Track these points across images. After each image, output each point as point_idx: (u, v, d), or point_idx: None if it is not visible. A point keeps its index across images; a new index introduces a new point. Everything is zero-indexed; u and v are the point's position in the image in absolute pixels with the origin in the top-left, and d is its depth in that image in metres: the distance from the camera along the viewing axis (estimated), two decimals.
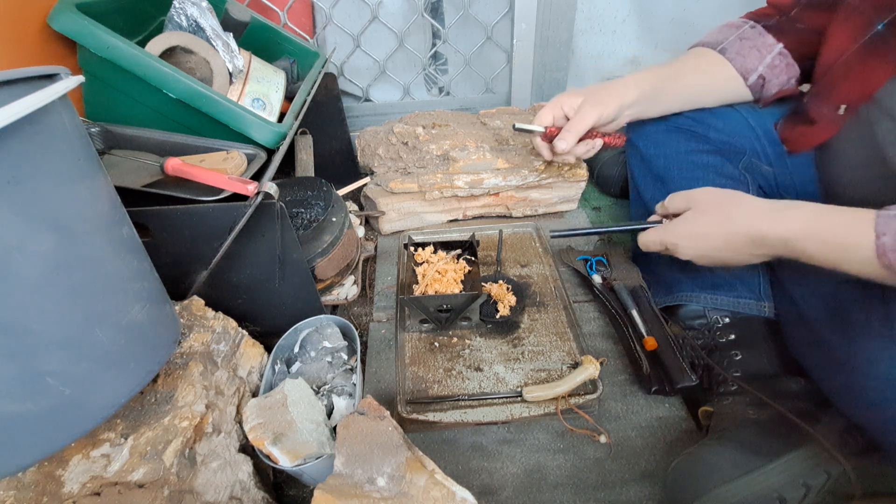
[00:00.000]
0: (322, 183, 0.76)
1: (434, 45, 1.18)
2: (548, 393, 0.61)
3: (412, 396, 0.64)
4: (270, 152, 0.67)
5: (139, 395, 0.50)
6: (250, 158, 0.66)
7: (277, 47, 0.94)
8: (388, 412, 0.48)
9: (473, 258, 0.79)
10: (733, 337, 0.64)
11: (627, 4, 1.14)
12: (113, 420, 0.47)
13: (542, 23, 1.10)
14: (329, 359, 0.64)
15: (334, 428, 0.56)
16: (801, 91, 0.69)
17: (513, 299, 0.75)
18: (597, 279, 0.79)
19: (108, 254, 0.40)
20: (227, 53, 0.71)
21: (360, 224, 0.92)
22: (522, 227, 0.94)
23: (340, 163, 1.10)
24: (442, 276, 0.75)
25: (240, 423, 0.55)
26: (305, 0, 1.08)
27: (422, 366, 0.69)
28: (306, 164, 0.91)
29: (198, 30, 0.70)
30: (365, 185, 0.98)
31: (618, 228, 0.75)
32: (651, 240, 0.62)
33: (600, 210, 1.05)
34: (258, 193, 0.54)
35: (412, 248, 0.82)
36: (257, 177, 0.61)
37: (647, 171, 0.76)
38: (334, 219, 0.73)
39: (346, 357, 0.65)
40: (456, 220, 0.98)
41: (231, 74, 0.71)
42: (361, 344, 0.68)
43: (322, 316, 0.68)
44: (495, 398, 0.63)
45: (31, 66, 0.34)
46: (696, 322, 0.67)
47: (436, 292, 0.73)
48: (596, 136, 0.72)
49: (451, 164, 0.89)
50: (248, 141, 0.67)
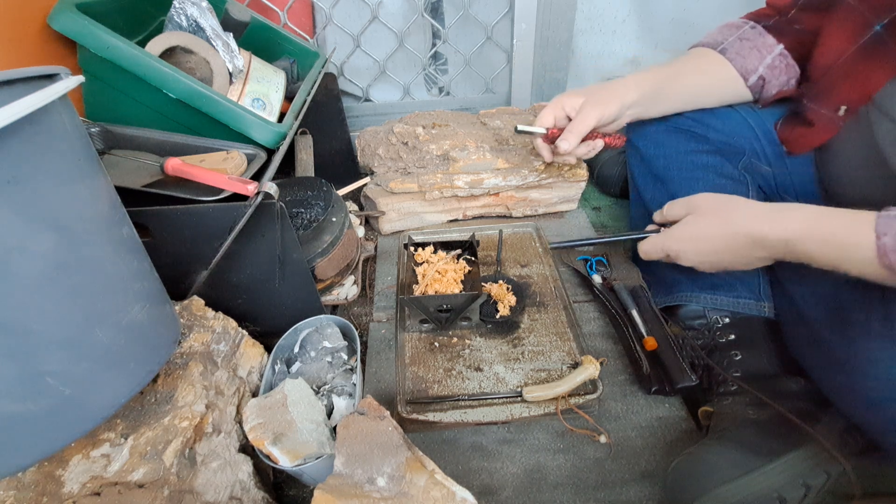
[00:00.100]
0: (322, 183, 0.76)
1: (434, 45, 1.18)
2: (548, 393, 0.61)
3: (412, 396, 0.64)
4: (270, 152, 0.67)
5: (139, 395, 0.50)
6: (250, 158, 0.66)
7: (277, 47, 0.94)
8: (388, 412, 0.48)
9: (473, 258, 0.79)
10: (733, 337, 0.64)
11: (627, 4, 1.14)
12: (113, 420, 0.47)
13: (542, 23, 1.10)
14: (329, 359, 0.64)
15: (334, 428, 0.56)
16: (800, 92, 0.69)
17: (513, 299, 0.75)
18: (597, 279, 0.79)
19: (108, 254, 0.40)
20: (227, 53, 0.71)
21: (360, 224, 0.92)
22: (522, 227, 0.94)
23: (340, 163, 1.10)
24: (442, 276, 0.75)
25: (240, 423, 0.55)
26: (305, 0, 1.08)
27: (422, 366, 0.69)
28: (306, 164, 0.91)
29: (198, 30, 0.70)
30: (365, 185, 0.98)
31: (616, 238, 0.74)
32: (651, 247, 0.62)
33: (600, 210, 1.05)
34: (258, 193, 0.54)
35: (412, 248, 0.82)
36: (257, 177, 0.61)
37: (647, 171, 0.76)
38: (334, 219, 0.73)
39: (346, 357, 0.65)
40: (456, 220, 0.98)
41: (231, 74, 0.71)
42: (361, 344, 0.68)
43: (322, 316, 0.68)
44: (495, 398, 0.63)
45: (31, 66, 0.34)
46: (696, 322, 0.67)
47: (436, 292, 0.73)
48: (597, 137, 0.72)
49: (451, 164, 0.89)
50: (248, 141, 0.67)
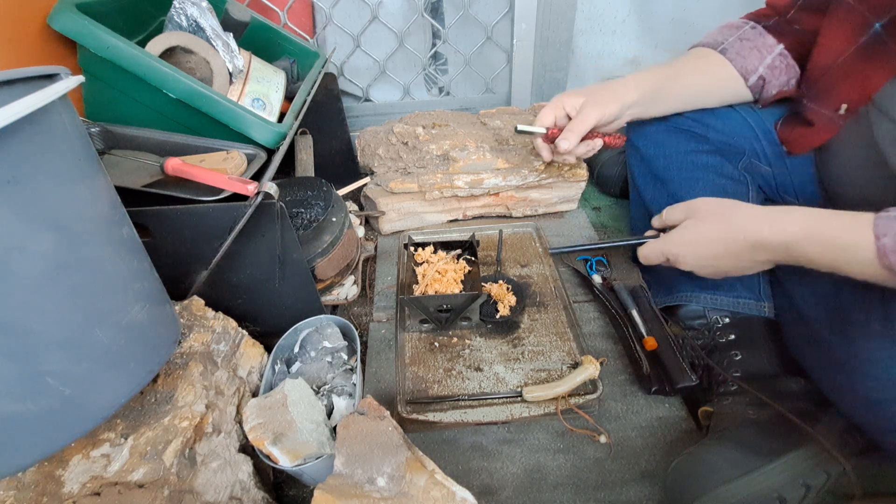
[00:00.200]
0: (322, 183, 0.76)
1: (434, 45, 1.18)
2: (548, 393, 0.61)
3: (412, 396, 0.64)
4: (270, 152, 0.67)
5: (139, 395, 0.50)
6: (250, 158, 0.66)
7: (277, 47, 0.94)
8: (388, 412, 0.48)
9: (473, 258, 0.79)
10: (733, 337, 0.64)
11: (627, 4, 1.14)
12: (113, 420, 0.47)
13: (542, 23, 1.10)
14: (329, 359, 0.64)
15: (334, 428, 0.56)
16: (800, 92, 0.69)
17: (513, 299, 0.75)
18: (597, 279, 0.79)
19: (108, 254, 0.40)
20: (227, 53, 0.71)
21: (360, 224, 0.92)
22: (522, 227, 0.94)
23: (340, 163, 1.10)
24: (442, 276, 0.75)
25: (240, 423, 0.55)
26: (305, 0, 1.08)
27: (422, 366, 0.69)
28: (306, 164, 0.91)
29: (198, 30, 0.70)
30: (365, 185, 0.98)
31: (616, 244, 0.74)
32: (651, 252, 0.62)
33: (600, 210, 1.05)
34: (258, 193, 0.54)
35: (412, 248, 0.82)
36: (257, 177, 0.61)
37: (646, 171, 0.76)
38: (334, 219, 0.73)
39: (346, 357, 0.65)
40: (456, 220, 0.98)
41: (231, 74, 0.71)
42: (361, 344, 0.68)
43: (322, 316, 0.68)
44: (495, 398, 0.63)
45: (31, 66, 0.34)
46: (696, 322, 0.67)
47: (436, 292, 0.73)
48: (596, 136, 0.72)
49: (451, 164, 0.89)
50: (248, 141, 0.67)
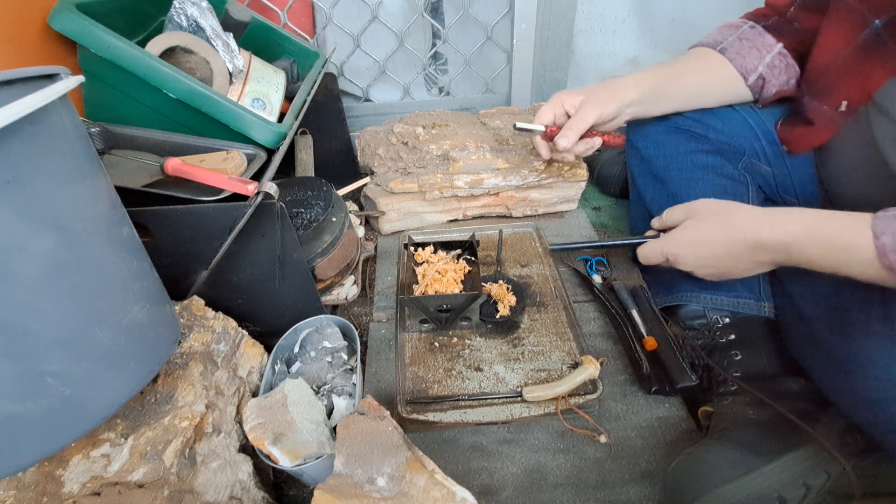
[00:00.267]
0: (322, 183, 0.76)
1: (434, 45, 1.18)
2: (548, 393, 0.61)
3: (412, 396, 0.64)
4: (270, 152, 0.67)
5: (139, 395, 0.50)
6: (250, 158, 0.66)
7: (277, 47, 0.94)
8: (388, 412, 0.48)
9: (473, 258, 0.79)
10: (733, 337, 0.64)
11: (627, 4, 1.14)
12: (113, 420, 0.47)
13: (542, 23, 1.10)
14: (329, 359, 0.64)
15: (334, 428, 0.56)
16: (800, 92, 0.69)
17: (513, 299, 0.75)
18: (597, 279, 0.79)
19: (108, 254, 0.40)
20: (227, 53, 0.71)
21: (360, 224, 0.92)
22: (522, 227, 0.94)
23: (340, 163, 1.10)
24: (442, 276, 0.75)
25: (240, 423, 0.55)
26: (305, 0, 1.08)
27: (422, 366, 0.69)
28: (306, 164, 0.91)
29: (198, 30, 0.70)
30: (365, 185, 0.98)
31: (616, 243, 0.74)
32: (651, 251, 0.62)
33: (600, 210, 1.05)
34: (258, 193, 0.54)
35: (412, 248, 0.82)
36: (257, 177, 0.61)
37: (646, 171, 0.76)
38: (334, 219, 0.73)
39: (346, 357, 0.65)
40: (456, 220, 0.98)
41: (231, 74, 0.71)
42: (361, 344, 0.68)
43: (322, 316, 0.68)
44: (495, 398, 0.63)
45: (31, 66, 0.34)
46: (696, 322, 0.67)
47: (436, 292, 0.73)
48: (595, 135, 0.72)
49: (451, 164, 0.89)
50: (248, 141, 0.67)
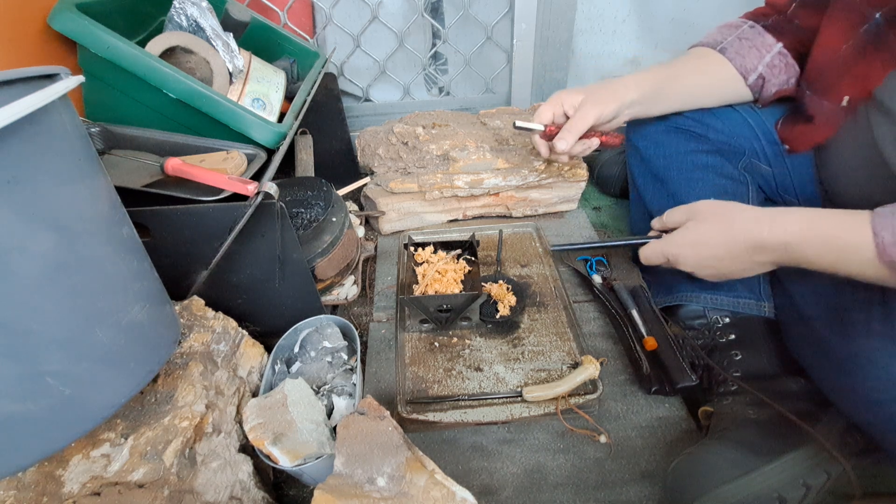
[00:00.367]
0: (322, 183, 0.76)
1: (434, 45, 1.18)
2: (548, 393, 0.61)
3: (412, 396, 0.64)
4: (270, 152, 0.67)
5: (139, 395, 0.50)
6: (250, 158, 0.66)
7: (277, 47, 0.94)
8: (388, 412, 0.48)
9: (473, 258, 0.79)
10: (733, 337, 0.64)
11: (627, 4, 1.14)
12: (113, 420, 0.47)
13: (542, 23, 1.10)
14: (329, 359, 0.64)
15: (334, 428, 0.56)
16: (801, 91, 0.68)
17: (513, 299, 0.75)
18: (597, 279, 0.79)
19: (108, 254, 0.40)
20: (227, 53, 0.71)
21: (360, 224, 0.92)
22: (522, 227, 0.94)
23: (340, 163, 1.10)
24: (442, 276, 0.75)
25: (240, 423, 0.55)
26: (305, 0, 1.08)
27: (422, 366, 0.69)
28: (306, 164, 0.91)
29: (198, 30, 0.70)
30: (365, 185, 0.98)
31: (618, 243, 0.74)
32: (652, 252, 0.62)
33: (600, 210, 1.05)
34: (258, 193, 0.54)
35: (412, 248, 0.82)
36: (257, 177, 0.61)
37: (646, 170, 0.76)
38: (334, 219, 0.73)
39: (346, 357, 0.65)
40: (456, 220, 0.98)
41: (231, 74, 0.71)
42: (361, 344, 0.68)
43: (322, 316, 0.68)
44: (495, 398, 0.63)
45: (31, 66, 0.34)
46: (696, 322, 0.67)
47: (436, 292, 0.73)
48: (593, 136, 0.72)
49: (451, 164, 0.89)
50: (248, 141, 0.67)
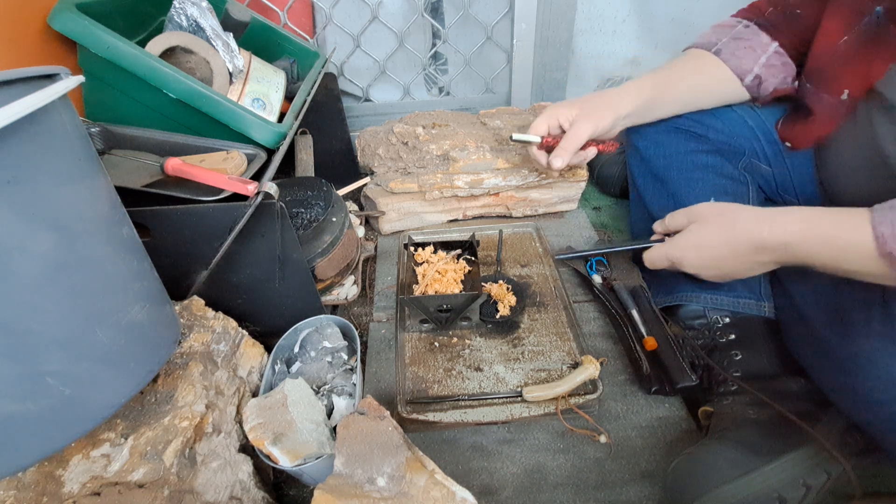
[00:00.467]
0: (322, 183, 0.76)
1: (434, 45, 1.18)
2: (548, 393, 0.61)
3: (412, 396, 0.64)
4: (270, 152, 0.67)
5: (139, 395, 0.50)
6: (250, 158, 0.66)
7: (277, 47, 0.94)
8: (388, 412, 0.48)
9: (473, 258, 0.79)
10: (733, 337, 0.64)
11: (627, 4, 1.14)
12: (113, 420, 0.47)
13: (542, 23, 1.10)
14: (329, 359, 0.64)
15: (334, 428, 0.56)
16: (804, 88, 0.68)
17: (513, 299, 0.75)
18: (597, 279, 0.79)
19: (108, 254, 0.40)
20: (227, 53, 0.71)
21: (360, 224, 0.92)
22: (522, 227, 0.94)
23: (340, 163, 1.10)
24: (442, 276, 0.75)
25: (240, 423, 0.55)
26: (305, 0, 1.08)
27: (422, 366, 0.69)
28: (306, 164, 0.91)
29: (198, 30, 0.70)
30: (365, 185, 0.98)
31: (622, 249, 0.74)
32: (657, 257, 0.62)
33: (600, 210, 1.05)
34: (258, 193, 0.54)
35: (412, 248, 0.82)
36: (257, 177, 0.61)
37: (646, 171, 0.76)
38: (334, 219, 0.73)
39: (346, 357, 0.65)
40: (456, 220, 0.98)
41: (231, 74, 0.71)
42: (361, 344, 0.68)
43: (322, 316, 0.68)
44: (495, 398, 0.63)
45: (31, 66, 0.34)
46: (696, 322, 0.67)
47: (436, 292, 0.73)
48: (589, 146, 0.73)
49: (451, 164, 0.89)
50: (248, 141, 0.67)
